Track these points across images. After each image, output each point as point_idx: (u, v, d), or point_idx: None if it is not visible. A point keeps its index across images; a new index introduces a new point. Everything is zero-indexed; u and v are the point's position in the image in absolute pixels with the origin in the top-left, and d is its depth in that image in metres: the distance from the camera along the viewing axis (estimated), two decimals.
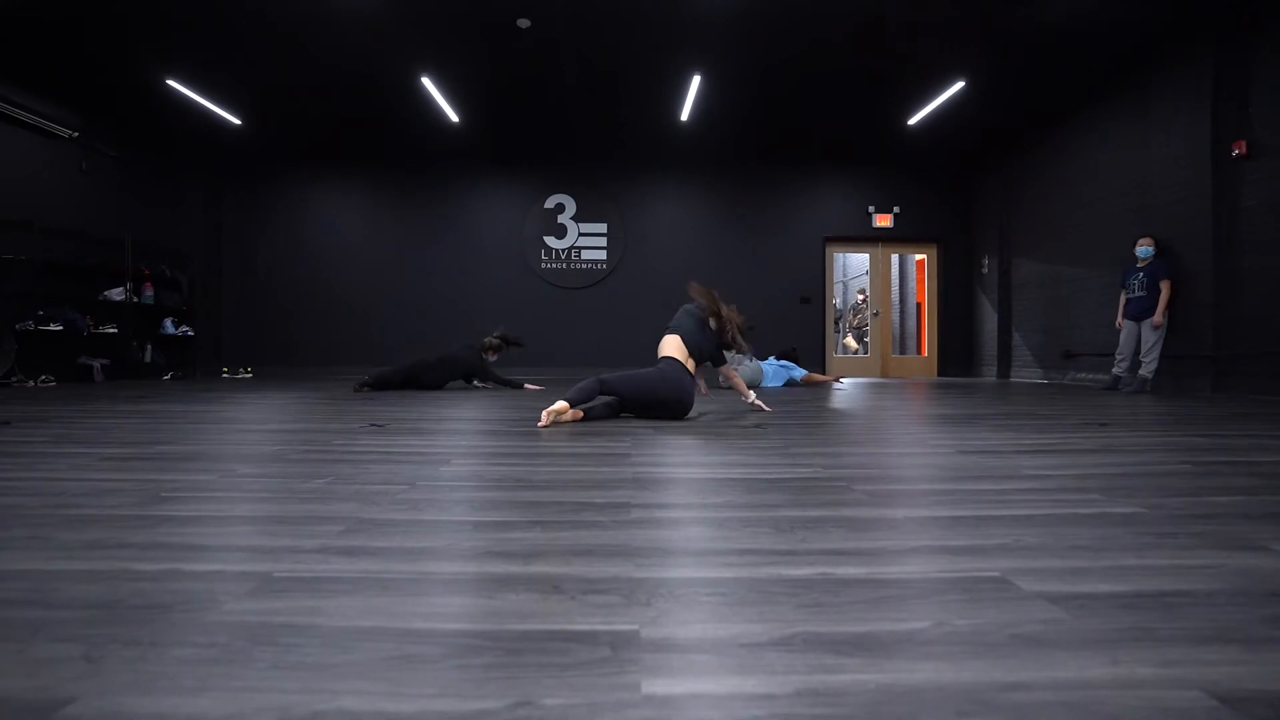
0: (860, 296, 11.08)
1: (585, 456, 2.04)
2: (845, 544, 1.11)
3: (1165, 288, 5.31)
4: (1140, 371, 5.40)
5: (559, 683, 0.63)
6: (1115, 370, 5.68)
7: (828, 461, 1.96)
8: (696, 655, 0.70)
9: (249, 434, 2.56)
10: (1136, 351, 5.53)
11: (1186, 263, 5.40)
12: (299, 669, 0.66)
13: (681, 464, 1.91)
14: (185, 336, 7.98)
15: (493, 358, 5.60)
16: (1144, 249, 5.50)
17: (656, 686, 0.63)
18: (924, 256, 9.29)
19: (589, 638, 0.74)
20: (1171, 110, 5.64)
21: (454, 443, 2.34)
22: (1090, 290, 6.66)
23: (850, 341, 10.87)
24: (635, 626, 0.77)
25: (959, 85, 6.52)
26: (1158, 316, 5.30)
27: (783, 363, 6.40)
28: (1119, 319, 5.68)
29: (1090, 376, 6.61)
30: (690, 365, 3.10)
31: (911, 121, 7.43)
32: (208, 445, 2.24)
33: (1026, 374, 7.77)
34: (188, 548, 1.07)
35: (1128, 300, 5.61)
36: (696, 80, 6.43)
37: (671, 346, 3.13)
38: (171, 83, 6.33)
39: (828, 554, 1.05)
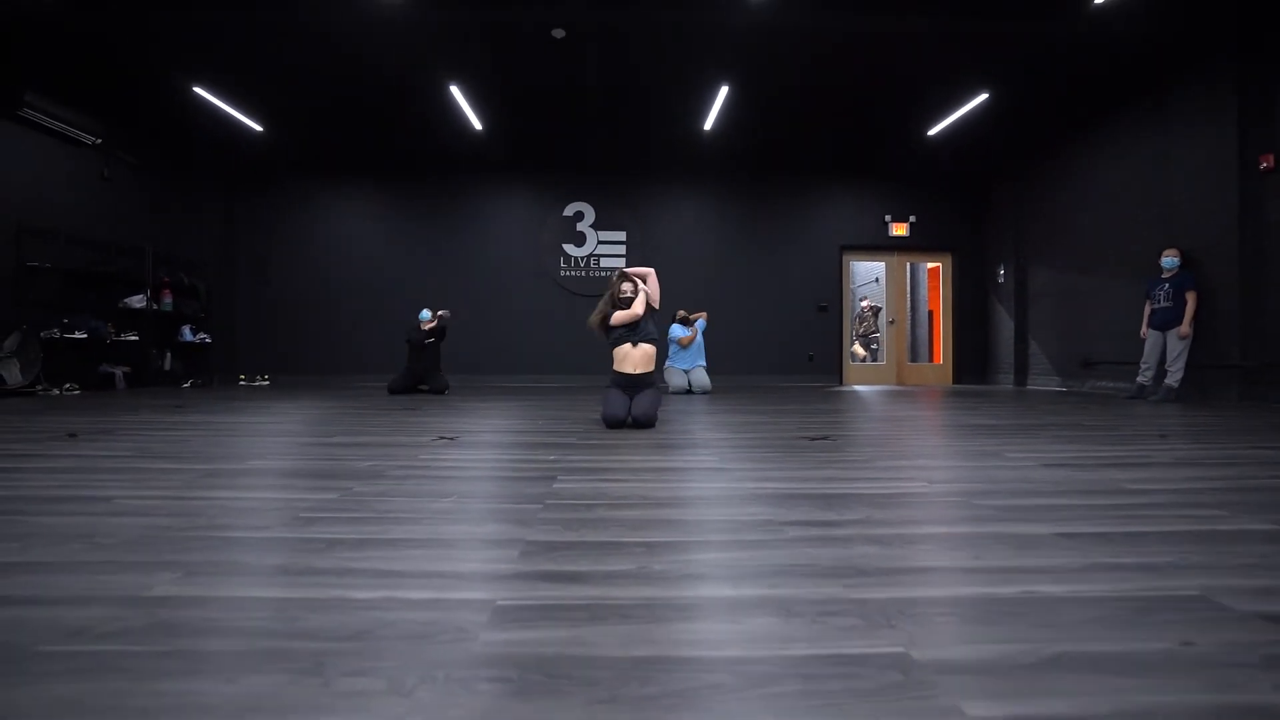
0: (865, 304, 11.14)
1: (669, 472, 2.04)
2: (1023, 561, 1.12)
3: (1191, 299, 5.38)
4: (1166, 380, 5.47)
5: None
6: (1140, 379, 5.74)
7: (927, 476, 1.98)
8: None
9: (322, 448, 2.54)
10: (1161, 361, 5.59)
11: (1211, 274, 5.47)
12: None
13: (807, 480, 1.92)
14: (203, 344, 7.92)
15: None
16: (1169, 260, 5.58)
17: None
18: (938, 265, 9.37)
19: None
20: (1195, 123, 5.73)
21: (535, 456, 2.34)
22: (1109, 299, 6.73)
23: (858, 349, 10.92)
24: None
25: (982, 97, 6.60)
26: (1184, 327, 5.37)
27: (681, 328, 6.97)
28: (1144, 329, 5.74)
29: (1111, 385, 6.67)
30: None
31: (931, 133, 7.51)
32: (294, 460, 2.24)
33: (1044, 382, 7.83)
34: (384, 574, 1.07)
35: (1153, 310, 5.68)
36: (724, 91, 6.47)
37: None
38: (199, 90, 6.31)
39: (1021, 572, 1.06)
